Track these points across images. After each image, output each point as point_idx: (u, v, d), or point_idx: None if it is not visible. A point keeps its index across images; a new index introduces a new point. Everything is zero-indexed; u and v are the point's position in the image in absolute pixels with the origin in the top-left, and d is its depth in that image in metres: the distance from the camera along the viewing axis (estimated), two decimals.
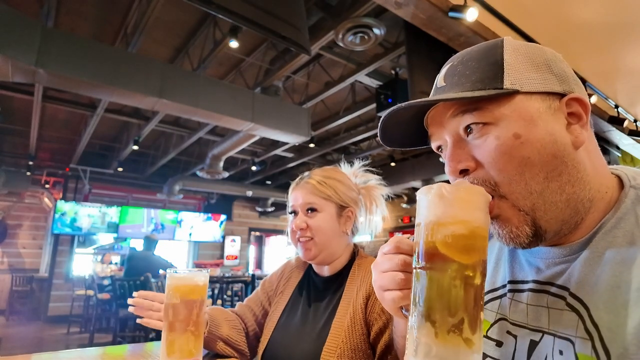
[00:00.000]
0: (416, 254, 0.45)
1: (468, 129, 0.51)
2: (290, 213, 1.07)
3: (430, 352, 0.42)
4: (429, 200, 0.45)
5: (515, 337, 0.54)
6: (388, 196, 1.14)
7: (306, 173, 1.10)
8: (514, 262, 0.59)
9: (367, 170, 1.16)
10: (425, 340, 0.42)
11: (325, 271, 1.07)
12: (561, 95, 0.50)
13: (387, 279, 0.52)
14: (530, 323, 0.53)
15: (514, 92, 0.49)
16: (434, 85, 0.57)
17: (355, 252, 1.09)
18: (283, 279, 1.17)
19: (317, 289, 1.07)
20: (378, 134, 0.58)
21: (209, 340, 0.99)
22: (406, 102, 0.52)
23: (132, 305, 0.98)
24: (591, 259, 0.48)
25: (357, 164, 1.15)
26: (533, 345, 0.52)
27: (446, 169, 0.53)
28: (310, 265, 1.13)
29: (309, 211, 1.03)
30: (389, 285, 0.52)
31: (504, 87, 0.49)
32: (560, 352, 0.48)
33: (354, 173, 1.14)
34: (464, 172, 0.51)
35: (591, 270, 0.48)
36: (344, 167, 1.15)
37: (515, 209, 0.49)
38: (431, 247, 0.43)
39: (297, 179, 1.09)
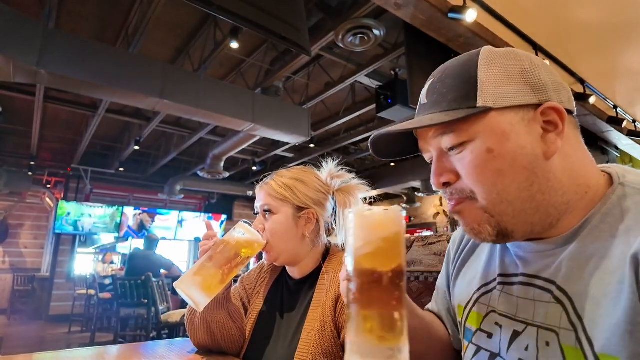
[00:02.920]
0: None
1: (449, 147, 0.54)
2: (256, 214, 1.04)
3: (352, 348, 0.45)
4: (351, 225, 0.49)
5: (500, 327, 0.56)
6: (373, 198, 1.09)
7: (273, 173, 1.06)
8: (504, 256, 0.61)
9: (343, 169, 1.09)
10: (349, 339, 0.46)
11: (296, 273, 1.04)
12: (537, 105, 0.51)
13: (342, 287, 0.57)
14: (517, 315, 0.54)
15: (487, 110, 0.51)
16: (419, 102, 0.60)
17: (326, 254, 1.04)
18: (260, 278, 1.14)
19: (290, 292, 1.05)
20: (370, 151, 0.63)
21: (222, 301, 0.97)
22: (385, 129, 0.56)
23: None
24: (578, 253, 0.50)
25: (331, 163, 1.09)
26: (515, 335, 0.53)
27: (431, 181, 0.57)
28: (284, 266, 1.10)
29: (266, 213, 1.00)
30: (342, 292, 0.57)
31: (477, 105, 0.51)
32: (547, 344, 0.49)
33: (330, 174, 1.08)
34: (446, 185, 0.55)
35: (578, 264, 0.49)
36: (325, 166, 1.09)
37: (481, 210, 0.52)
38: (354, 261, 0.47)
39: (262, 180, 1.06)
